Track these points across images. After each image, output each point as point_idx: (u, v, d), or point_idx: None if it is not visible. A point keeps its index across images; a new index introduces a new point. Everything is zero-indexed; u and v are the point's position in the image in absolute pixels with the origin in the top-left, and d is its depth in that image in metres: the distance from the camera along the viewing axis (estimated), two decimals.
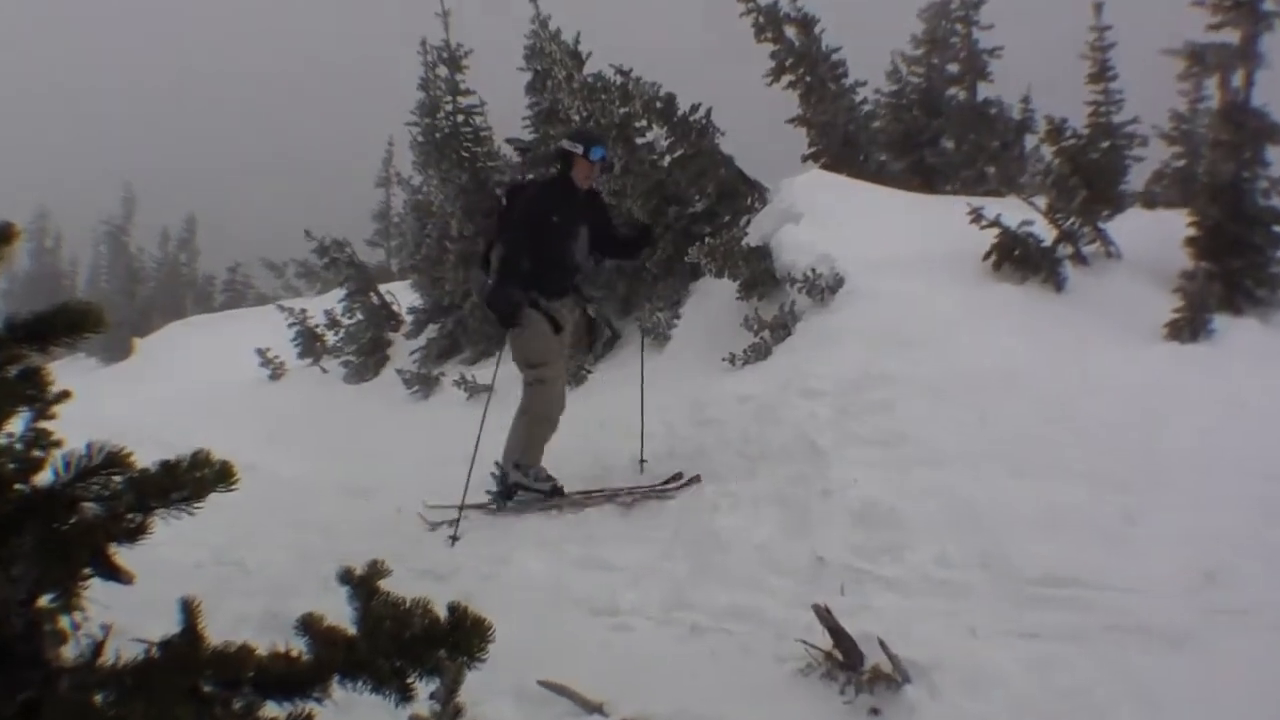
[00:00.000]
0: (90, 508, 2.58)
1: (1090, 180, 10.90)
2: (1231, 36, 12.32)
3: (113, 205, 49.49)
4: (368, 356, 19.61)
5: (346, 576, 2.71)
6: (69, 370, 19.97)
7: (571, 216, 8.40)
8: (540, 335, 8.38)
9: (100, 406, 14.60)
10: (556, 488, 8.42)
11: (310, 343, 21.22)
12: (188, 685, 2.46)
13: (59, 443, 2.71)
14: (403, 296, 20.85)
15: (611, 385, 12.18)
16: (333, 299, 22.05)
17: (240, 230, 57.31)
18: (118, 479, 2.58)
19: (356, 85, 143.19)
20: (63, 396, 2.78)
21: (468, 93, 19.13)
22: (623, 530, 7.35)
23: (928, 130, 19.67)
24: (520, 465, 8.53)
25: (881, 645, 4.73)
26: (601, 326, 9.27)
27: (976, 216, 10.67)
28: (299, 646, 2.60)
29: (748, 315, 11.46)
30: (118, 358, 30.76)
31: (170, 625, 2.62)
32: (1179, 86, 19.70)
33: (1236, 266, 11.11)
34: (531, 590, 6.64)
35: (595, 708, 4.86)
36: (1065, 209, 10.78)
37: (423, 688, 2.59)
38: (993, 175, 17.74)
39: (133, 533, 2.63)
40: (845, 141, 18.48)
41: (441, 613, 2.62)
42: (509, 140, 9.10)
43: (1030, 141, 18.57)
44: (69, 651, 2.58)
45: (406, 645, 2.57)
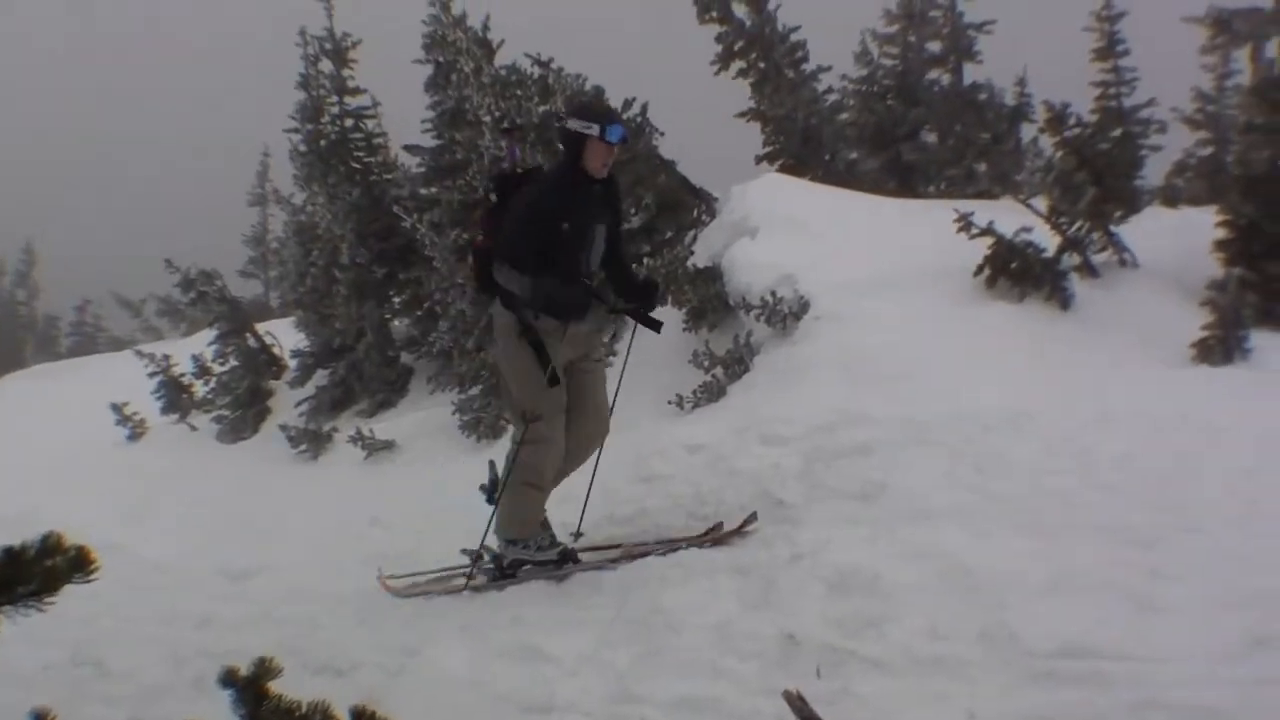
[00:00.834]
0: None
1: (1099, 176, 11.03)
2: (1265, 0, 12.59)
3: None
4: (245, 410, 19.48)
5: (229, 677, 2.69)
6: None
7: (586, 219, 7.95)
8: (540, 383, 7.97)
9: None
10: (566, 552, 8.13)
11: (176, 394, 21.02)
12: None
13: None
14: (285, 337, 20.74)
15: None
16: (201, 341, 21.93)
17: (88, 262, 56.98)
18: None
19: (224, 84, 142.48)
20: None
21: (357, 91, 19.18)
22: (557, 611, 7.34)
23: (905, 122, 19.88)
24: (516, 541, 8.18)
25: None
26: (656, 289, 8.76)
27: (965, 223, 10.78)
28: None
29: (697, 349, 11.48)
30: None
31: None
32: (1203, 60, 20.07)
33: (1276, 273, 11.31)
34: (450, 686, 6.61)
35: None
36: (1070, 211, 10.92)
37: None
38: (983, 173, 17.94)
39: None
40: (807, 138, 18.62)
41: (344, 718, 2.63)
42: (505, 129, 8.57)
43: (1027, 132, 18.77)
44: None
45: None
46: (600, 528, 8.64)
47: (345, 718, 2.65)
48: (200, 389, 20.80)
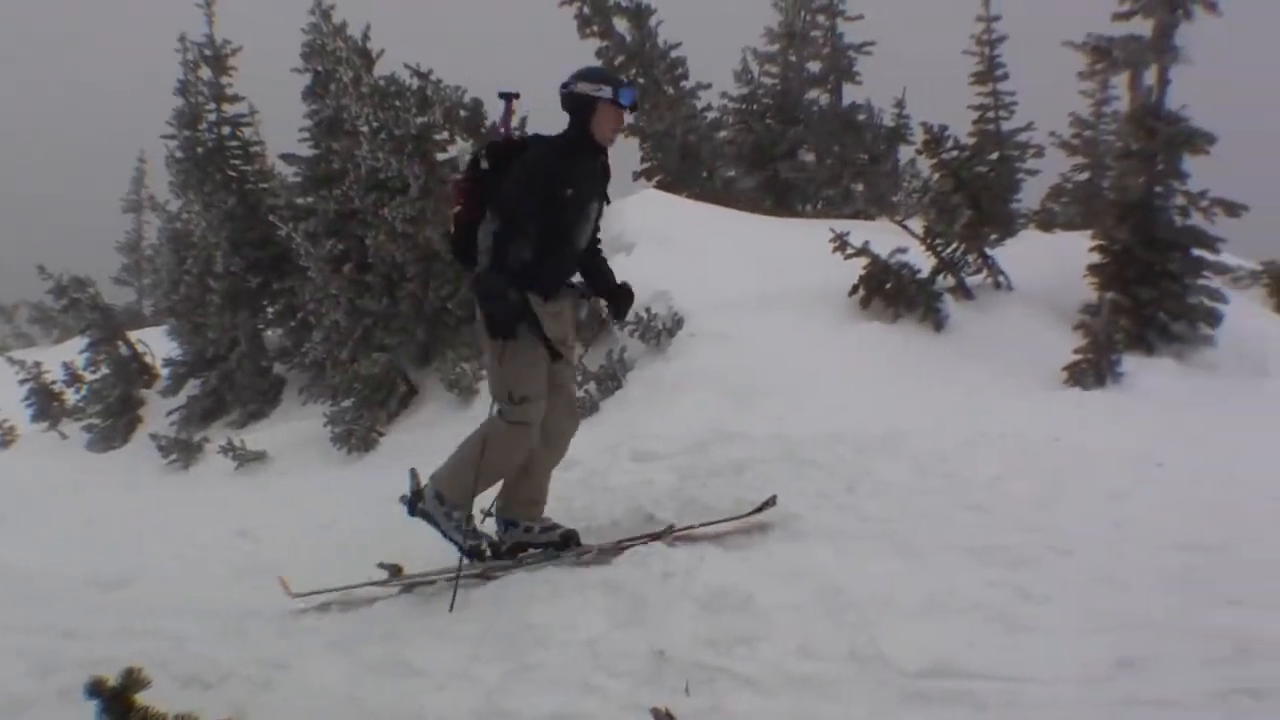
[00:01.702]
0: None
1: (976, 199, 11.18)
2: (1143, 28, 12.81)
3: None
4: (116, 419, 19.31)
5: (96, 688, 2.64)
6: None
7: (589, 189, 7.51)
8: (532, 363, 7.47)
9: None
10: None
11: (46, 402, 20.78)
12: None
13: None
14: (157, 345, 20.57)
15: (409, 452, 12.10)
16: (73, 349, 21.70)
17: None
18: None
19: (102, 88, 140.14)
20: None
21: (235, 99, 19.09)
22: (428, 625, 7.27)
23: (783, 141, 20.04)
24: (444, 497, 7.62)
25: None
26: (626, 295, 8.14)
27: (841, 243, 10.88)
28: None
29: None
30: None
31: None
32: (1081, 86, 20.52)
33: (1149, 298, 11.51)
34: (319, 700, 6.50)
35: None
36: (946, 233, 11.07)
37: None
38: (861, 194, 18.10)
39: None
40: (685, 155, 18.71)
41: None
42: (504, 94, 8.00)
43: (905, 154, 19.03)
44: None
45: None
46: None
47: None
48: (71, 397, 20.63)
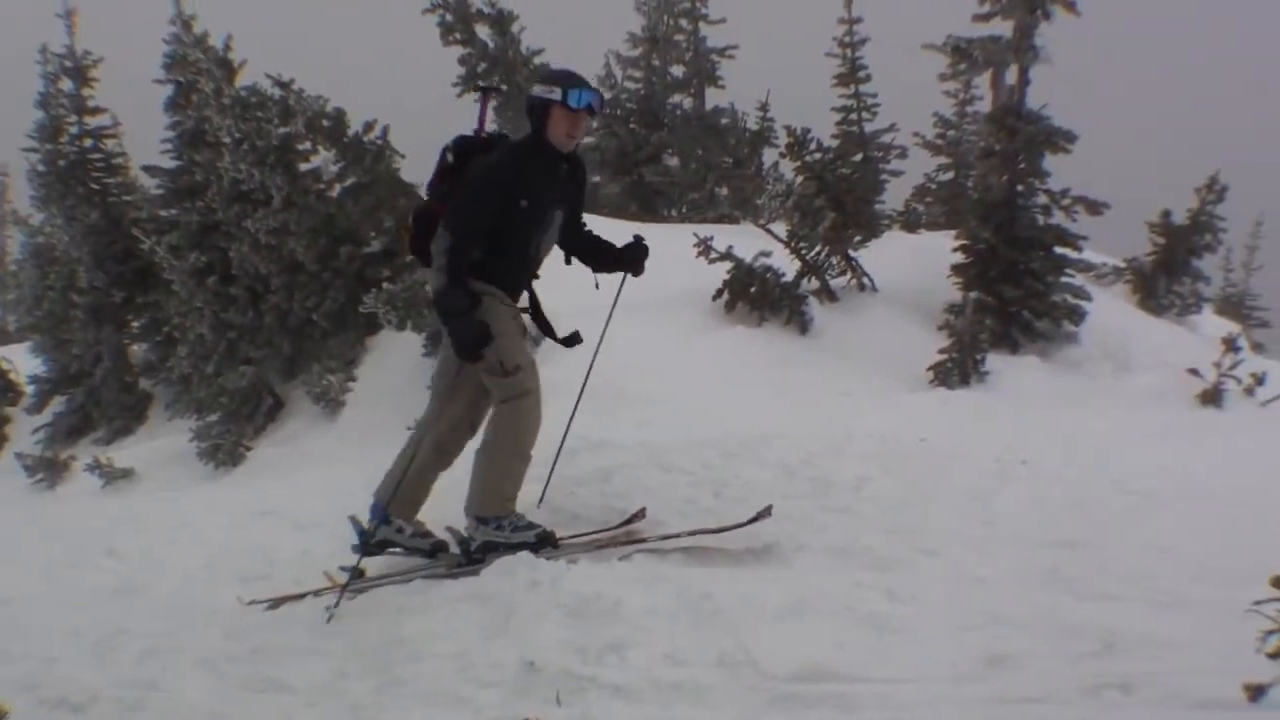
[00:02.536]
0: None
1: (839, 201, 11.28)
2: (1003, 28, 13.02)
3: None
4: None
5: None
6: None
7: (546, 198, 7.22)
8: (511, 334, 7.24)
9: None
10: (545, 534, 7.22)
11: None
12: None
13: None
14: (21, 362, 20.30)
15: (277, 467, 11.98)
16: None
17: None
18: None
19: None
20: None
21: (97, 111, 18.90)
22: (299, 641, 7.18)
23: (647, 146, 20.10)
24: (488, 519, 7.28)
25: None
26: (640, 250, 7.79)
27: (705, 248, 10.92)
28: None
29: None
30: None
31: None
32: (944, 88, 20.79)
33: (1012, 296, 11.68)
34: (189, 719, 6.43)
35: None
36: (809, 236, 11.15)
37: None
38: (725, 197, 18.21)
39: None
40: None
41: None
42: (482, 87, 7.56)
43: (770, 157, 19.12)
44: None
45: None
46: (337, 556, 8.41)
47: None
48: None
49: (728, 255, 10.77)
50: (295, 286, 15.85)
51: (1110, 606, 5.62)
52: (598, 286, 7.97)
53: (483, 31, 18.63)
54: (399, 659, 6.41)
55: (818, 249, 11.13)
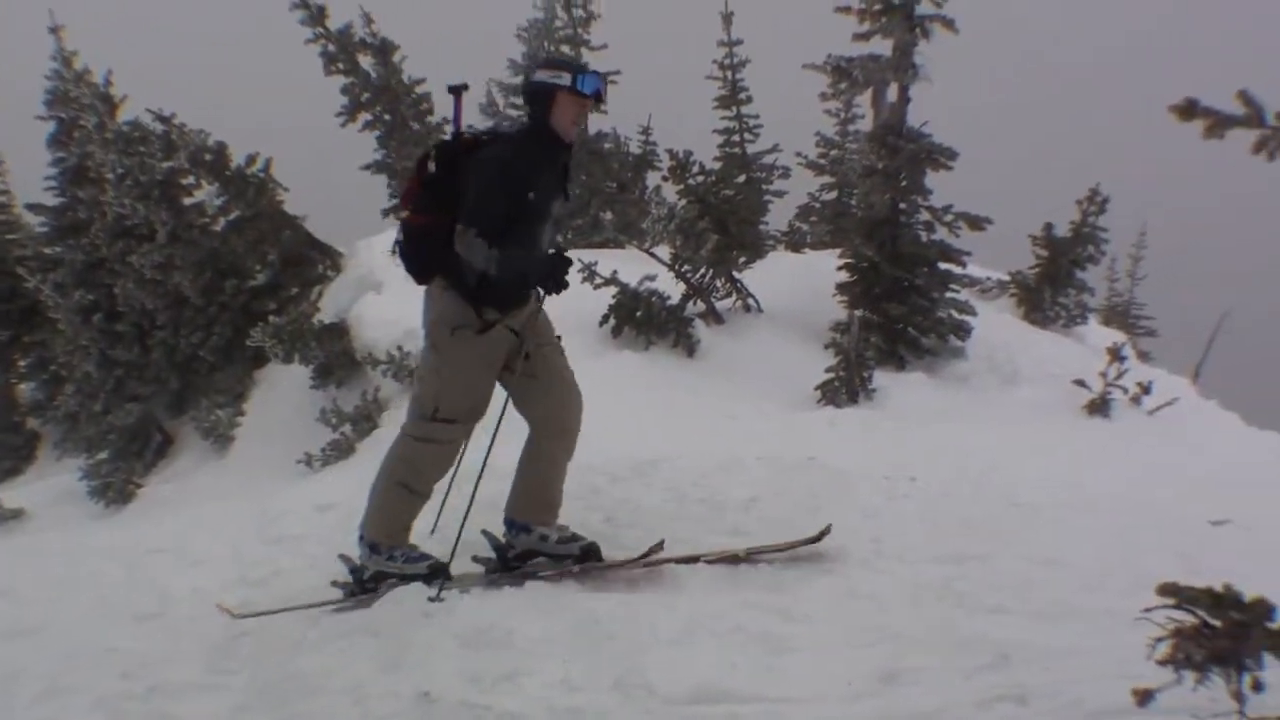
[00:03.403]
0: None
1: (723, 223, 11.33)
2: (883, 47, 13.17)
3: None
4: None
5: None
6: None
7: (551, 189, 6.99)
8: (464, 374, 6.98)
9: None
10: (438, 565, 7.04)
11: None
12: None
13: None
14: None
15: (167, 504, 11.85)
16: None
17: None
18: None
19: None
20: None
21: None
22: (195, 677, 7.08)
23: None
24: (379, 548, 7.14)
25: None
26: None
27: (590, 274, 10.94)
28: None
29: (324, 407, 11.39)
30: None
31: None
32: (825, 107, 21.00)
33: (898, 313, 11.80)
34: None
35: None
36: (693, 259, 11.18)
37: None
38: (610, 222, 18.27)
39: None
40: None
41: None
42: (453, 87, 7.14)
43: (653, 180, 19.23)
44: None
45: None
46: (231, 589, 8.34)
47: None
48: None
49: (613, 280, 10.80)
50: (181, 321, 15.74)
51: (1002, 619, 5.68)
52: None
53: (365, 61, 18.62)
54: (296, 694, 6.35)
55: (702, 271, 11.19)
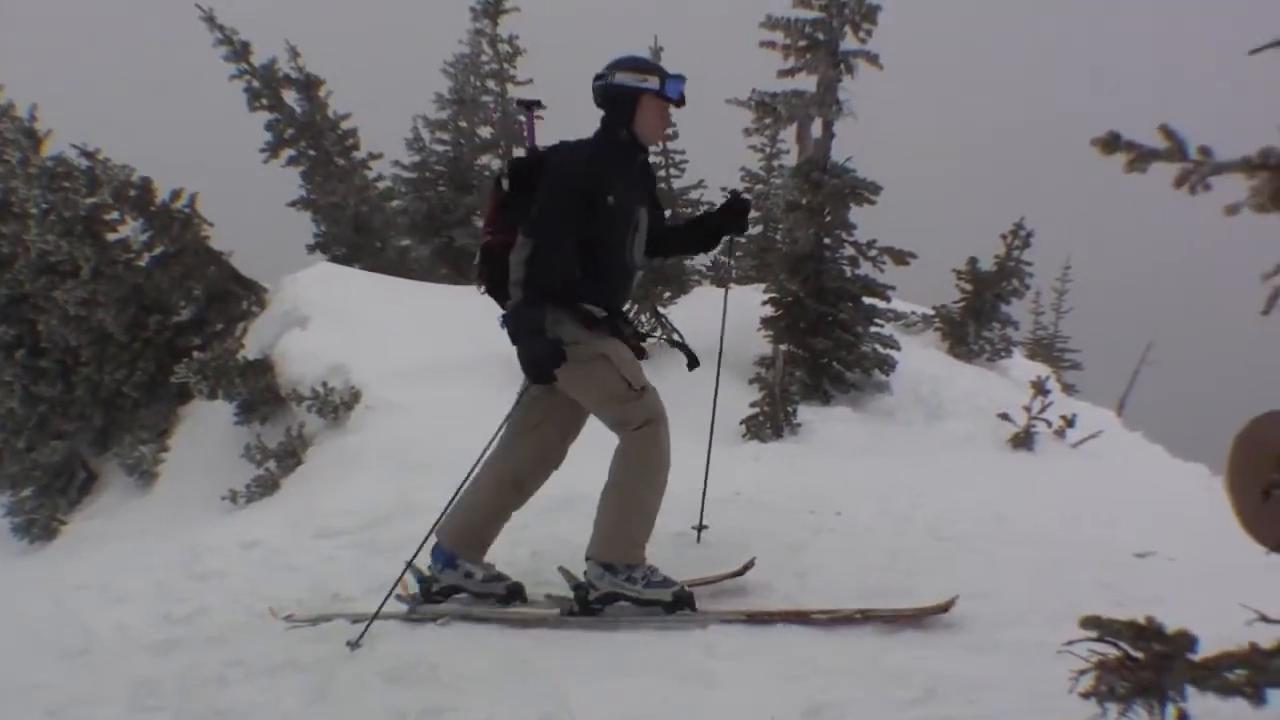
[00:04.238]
0: None
1: None
2: (807, 83, 13.30)
3: None
4: None
5: None
6: None
7: (633, 195, 6.68)
8: (629, 358, 6.76)
9: None
10: (683, 594, 6.55)
11: None
12: None
13: None
14: None
15: (91, 540, 11.77)
16: None
17: None
18: None
19: None
20: None
21: None
22: (120, 715, 7.03)
23: (457, 208, 20.17)
24: (616, 568, 6.59)
25: None
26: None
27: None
28: None
29: (249, 443, 11.38)
30: None
31: None
32: (750, 142, 21.19)
33: (822, 348, 11.89)
34: None
35: None
36: None
37: None
38: None
39: None
40: (358, 226, 18.72)
41: None
42: (523, 102, 6.85)
43: None
44: None
45: None
46: (156, 626, 8.27)
47: None
48: None
49: None
50: (105, 358, 15.54)
51: (928, 652, 5.72)
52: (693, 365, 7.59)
53: (290, 97, 18.62)
54: None
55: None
